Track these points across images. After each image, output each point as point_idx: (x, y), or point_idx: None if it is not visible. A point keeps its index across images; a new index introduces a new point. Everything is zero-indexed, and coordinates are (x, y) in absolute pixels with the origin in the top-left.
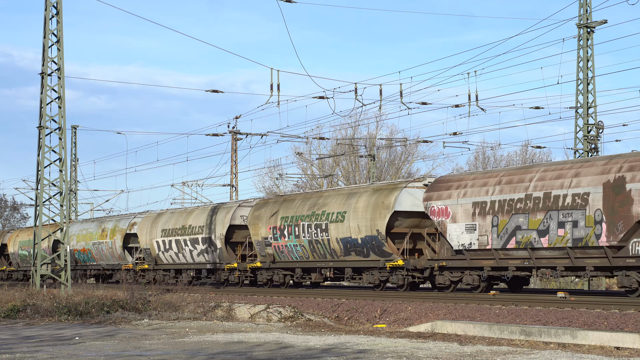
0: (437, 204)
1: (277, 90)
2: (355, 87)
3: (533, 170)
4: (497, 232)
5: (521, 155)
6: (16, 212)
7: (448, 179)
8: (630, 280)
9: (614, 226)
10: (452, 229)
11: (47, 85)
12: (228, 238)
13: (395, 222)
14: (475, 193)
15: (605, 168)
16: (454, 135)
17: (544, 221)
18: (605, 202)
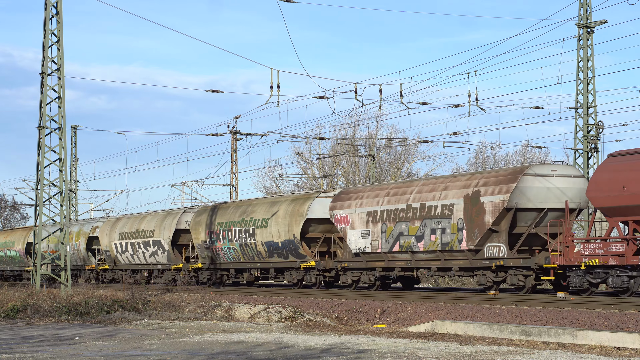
0: (340, 213)
1: (277, 90)
2: (355, 87)
3: (414, 184)
4: (385, 237)
5: (521, 155)
6: (16, 212)
7: (349, 190)
8: (486, 279)
9: (472, 233)
10: (351, 234)
11: (47, 85)
12: (175, 241)
13: (309, 228)
14: (369, 203)
15: (466, 183)
16: (454, 135)
17: (420, 228)
18: (465, 212)
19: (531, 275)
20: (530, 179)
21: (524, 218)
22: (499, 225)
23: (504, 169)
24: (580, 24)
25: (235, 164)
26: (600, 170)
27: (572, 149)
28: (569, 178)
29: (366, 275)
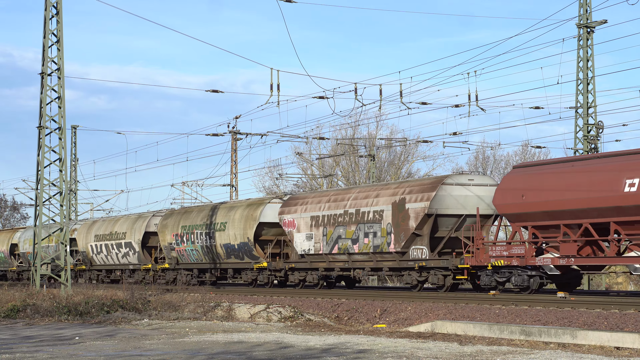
0: (287, 217)
1: (277, 90)
2: (355, 87)
3: (351, 192)
4: (326, 240)
5: (521, 155)
6: (16, 212)
7: (296, 197)
8: (411, 279)
9: (399, 236)
10: (297, 237)
11: (47, 85)
12: (145, 243)
13: (262, 231)
14: (313, 209)
15: (394, 191)
16: (454, 135)
17: (356, 232)
18: (393, 218)
19: (450, 275)
20: (449, 187)
21: (444, 223)
22: (422, 229)
23: (427, 179)
24: (580, 24)
25: (235, 164)
26: (504, 180)
27: (572, 149)
28: (484, 187)
29: (311, 275)
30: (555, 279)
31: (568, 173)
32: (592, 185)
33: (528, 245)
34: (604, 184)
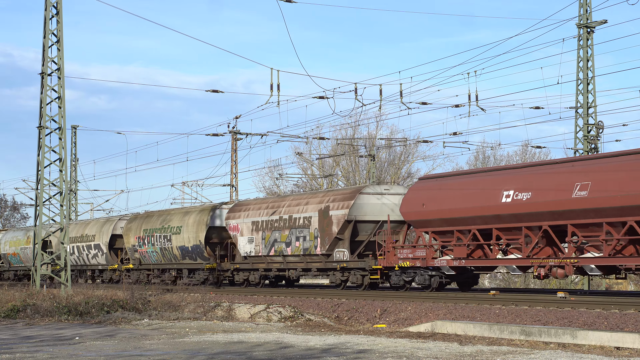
0: (232, 222)
1: (277, 90)
2: (355, 87)
3: (286, 199)
4: (265, 243)
5: (521, 155)
6: (16, 212)
7: (241, 203)
8: (335, 278)
9: (324, 240)
10: (241, 241)
11: (47, 85)
12: (112, 245)
13: (212, 235)
14: (254, 215)
15: (321, 199)
16: (454, 135)
17: (289, 236)
18: (319, 223)
19: (367, 274)
20: (367, 196)
21: (363, 228)
22: (343, 234)
23: (348, 188)
24: (580, 24)
25: (235, 164)
26: (410, 190)
27: (572, 149)
28: (398, 196)
29: (252, 275)
30: (453, 278)
31: (460, 185)
32: (477, 197)
33: (428, 248)
34: (487, 195)
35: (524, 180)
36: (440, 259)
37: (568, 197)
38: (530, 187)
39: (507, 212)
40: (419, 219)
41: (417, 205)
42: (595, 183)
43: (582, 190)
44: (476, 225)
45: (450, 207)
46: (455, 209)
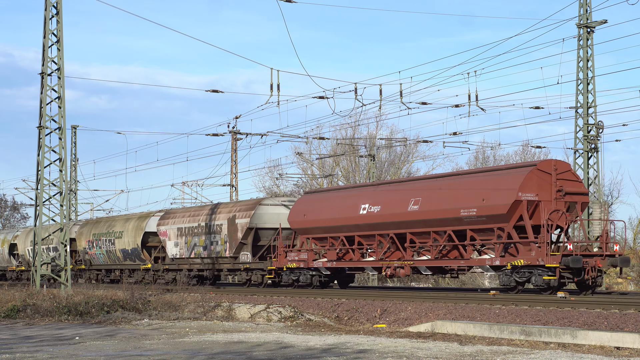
0: (162, 228)
1: (277, 90)
2: (355, 87)
3: (205, 209)
4: (187, 247)
5: (521, 155)
6: (16, 212)
7: (170, 211)
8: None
9: (232, 245)
10: (169, 244)
11: (47, 85)
12: None
13: (148, 239)
14: (180, 222)
15: (230, 209)
16: (454, 135)
17: (205, 240)
18: (228, 230)
19: (266, 274)
20: (265, 207)
21: (264, 234)
22: (247, 239)
23: (251, 200)
24: (580, 24)
25: (235, 164)
26: (296, 203)
27: (572, 149)
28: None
29: (178, 274)
30: (332, 277)
31: (332, 199)
32: (343, 209)
33: (309, 252)
34: (350, 208)
35: (376, 196)
36: (318, 261)
37: (405, 211)
38: (380, 202)
39: (364, 222)
40: (302, 227)
41: (300, 216)
42: (425, 199)
43: (415, 205)
44: (343, 232)
45: (324, 217)
46: (328, 219)
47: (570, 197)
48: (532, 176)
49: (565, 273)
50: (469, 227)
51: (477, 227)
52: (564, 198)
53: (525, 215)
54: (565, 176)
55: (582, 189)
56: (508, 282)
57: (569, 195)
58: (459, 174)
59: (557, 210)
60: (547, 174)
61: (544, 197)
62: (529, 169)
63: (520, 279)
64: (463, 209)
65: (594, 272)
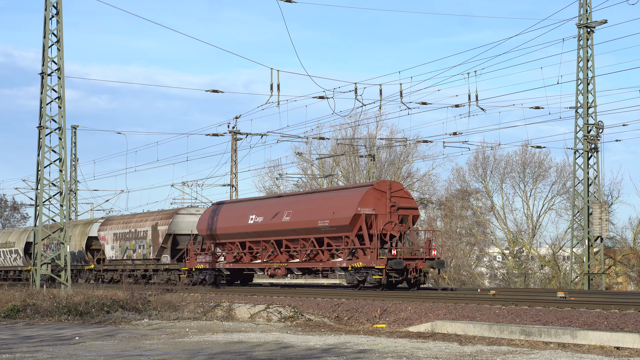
0: (102, 233)
1: (277, 90)
2: (355, 87)
3: (135, 217)
4: (121, 250)
5: (521, 155)
6: (16, 212)
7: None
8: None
9: (155, 248)
10: (107, 247)
11: (47, 85)
12: (27, 250)
13: (92, 243)
14: (115, 228)
15: (154, 217)
16: (454, 135)
17: (135, 244)
18: (152, 236)
19: (181, 274)
20: (182, 216)
21: (182, 239)
22: (167, 244)
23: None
24: (580, 24)
25: (235, 164)
26: (203, 213)
27: (572, 149)
28: None
29: (117, 274)
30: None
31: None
32: (237, 219)
33: (213, 255)
34: (242, 218)
35: (261, 208)
36: (219, 262)
37: (280, 221)
38: (263, 214)
39: (252, 230)
40: (207, 234)
41: (205, 224)
42: (294, 212)
43: (288, 216)
44: (237, 239)
45: (223, 226)
46: (226, 227)
47: (403, 211)
48: (369, 194)
49: (392, 273)
50: (325, 235)
51: (331, 235)
52: (397, 212)
53: (364, 226)
54: (398, 194)
55: (413, 204)
56: (352, 280)
57: (402, 210)
58: (318, 191)
59: (391, 222)
60: (382, 192)
61: (380, 211)
62: (367, 187)
63: (360, 278)
64: (320, 220)
65: (417, 272)
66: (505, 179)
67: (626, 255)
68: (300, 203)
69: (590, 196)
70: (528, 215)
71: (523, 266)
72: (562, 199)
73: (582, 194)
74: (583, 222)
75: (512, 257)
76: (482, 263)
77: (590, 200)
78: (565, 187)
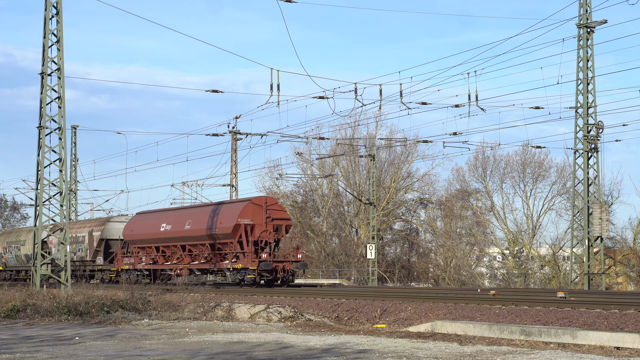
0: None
1: (277, 90)
2: (355, 87)
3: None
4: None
5: (521, 155)
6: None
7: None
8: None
9: (91, 251)
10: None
11: (47, 85)
12: None
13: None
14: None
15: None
16: (454, 135)
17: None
18: (89, 240)
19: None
20: (112, 223)
21: (113, 244)
22: (100, 247)
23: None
24: (580, 24)
25: (235, 164)
26: (129, 221)
27: (572, 149)
28: None
29: None
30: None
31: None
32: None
33: (135, 257)
34: (155, 226)
35: (170, 217)
36: (140, 263)
37: (184, 229)
38: (171, 222)
39: (163, 236)
40: (130, 239)
41: (129, 231)
42: (194, 221)
43: (189, 225)
44: (153, 244)
45: (142, 232)
46: (144, 234)
47: (277, 221)
48: (248, 207)
49: (263, 273)
50: (216, 241)
51: (220, 242)
52: (272, 222)
53: (244, 234)
54: (273, 207)
55: (286, 215)
56: (234, 279)
57: (276, 220)
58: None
59: (266, 231)
60: (259, 206)
61: (257, 221)
62: (246, 202)
63: (240, 277)
64: (213, 228)
65: (284, 272)
66: (505, 179)
67: (626, 255)
68: (198, 214)
69: (590, 196)
70: (528, 215)
71: (523, 266)
72: (562, 199)
73: (582, 194)
74: (583, 222)
75: (512, 257)
76: (482, 263)
77: (590, 200)
78: (565, 187)
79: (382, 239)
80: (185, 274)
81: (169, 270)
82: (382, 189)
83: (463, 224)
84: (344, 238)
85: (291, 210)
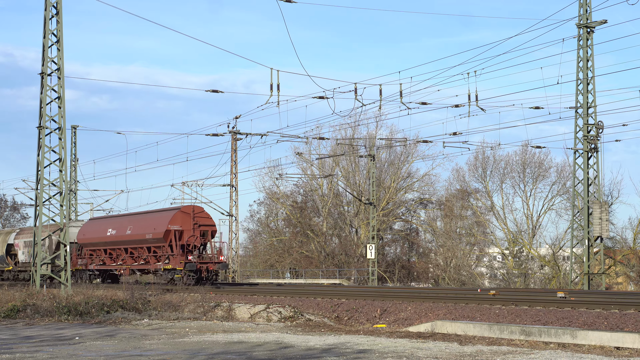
0: (16, 241)
1: (277, 90)
2: (355, 87)
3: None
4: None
5: (521, 155)
6: (16, 212)
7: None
8: None
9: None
10: (19, 253)
11: (47, 85)
12: None
13: (11, 248)
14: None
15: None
16: (454, 135)
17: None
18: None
19: None
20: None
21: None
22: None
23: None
24: (580, 24)
25: (235, 164)
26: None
27: (572, 149)
28: None
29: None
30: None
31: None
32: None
33: (87, 259)
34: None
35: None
36: (91, 264)
37: (125, 233)
38: (116, 227)
39: (110, 240)
40: (84, 242)
41: (82, 235)
42: (134, 227)
43: (129, 230)
44: (102, 247)
45: (93, 236)
46: (94, 238)
47: (204, 227)
48: (177, 215)
49: (190, 273)
50: (152, 245)
51: (154, 245)
52: (199, 228)
53: (174, 239)
54: (200, 215)
55: (212, 222)
56: (166, 278)
57: (202, 226)
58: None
59: (193, 236)
60: (187, 214)
61: (186, 227)
62: (176, 210)
63: (171, 276)
64: (147, 233)
65: (208, 272)
66: (505, 179)
67: (626, 255)
68: (137, 220)
69: (590, 196)
70: (528, 215)
71: (523, 266)
72: (562, 199)
73: (582, 194)
74: (583, 222)
75: (512, 257)
76: (482, 263)
77: (590, 200)
78: (565, 187)
79: (382, 239)
80: (126, 273)
81: (115, 271)
82: (382, 189)
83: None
84: (344, 238)
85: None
